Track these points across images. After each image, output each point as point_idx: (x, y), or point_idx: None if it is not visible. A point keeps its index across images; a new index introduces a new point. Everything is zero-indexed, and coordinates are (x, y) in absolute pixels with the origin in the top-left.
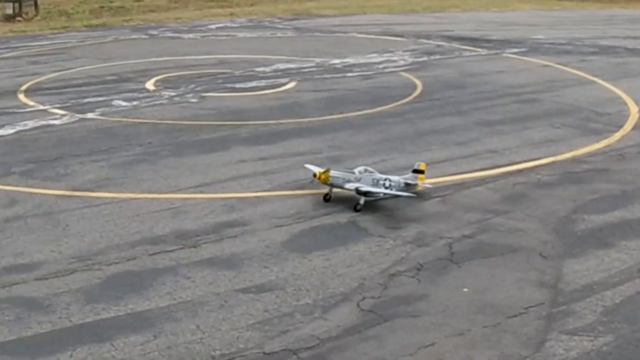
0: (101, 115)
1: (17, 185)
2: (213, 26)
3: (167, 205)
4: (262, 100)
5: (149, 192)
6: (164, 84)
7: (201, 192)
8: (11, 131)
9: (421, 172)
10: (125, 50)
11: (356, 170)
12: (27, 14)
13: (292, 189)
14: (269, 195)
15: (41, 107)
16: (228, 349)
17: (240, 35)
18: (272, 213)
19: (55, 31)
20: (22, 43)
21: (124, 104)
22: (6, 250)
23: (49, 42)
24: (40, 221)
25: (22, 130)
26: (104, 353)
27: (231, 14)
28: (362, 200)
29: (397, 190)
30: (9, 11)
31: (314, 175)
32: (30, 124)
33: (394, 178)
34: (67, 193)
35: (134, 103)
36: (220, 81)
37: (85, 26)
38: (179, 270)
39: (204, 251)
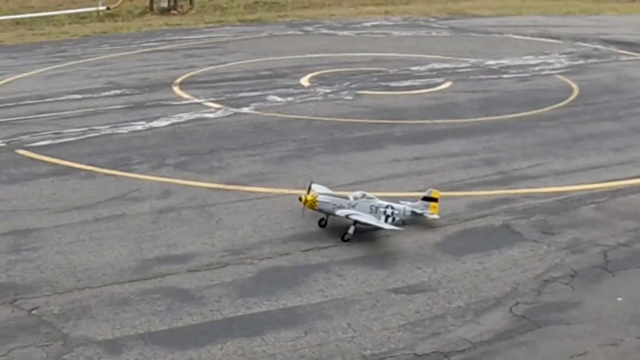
0: (256, 110)
1: (171, 177)
2: (368, 24)
3: None
4: (417, 99)
5: (303, 188)
6: (318, 81)
7: (355, 190)
8: (166, 123)
9: (434, 200)
10: (280, 45)
11: (351, 196)
12: (182, 7)
13: (446, 190)
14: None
15: (196, 100)
16: (379, 349)
17: (395, 33)
18: None
19: (210, 25)
20: (177, 36)
21: (279, 99)
22: (159, 241)
23: (203, 35)
24: (193, 213)
25: (176, 123)
26: (255, 347)
27: (386, 12)
28: (351, 229)
29: (402, 218)
30: (164, 4)
31: (300, 199)
32: (185, 116)
33: (398, 206)
34: (221, 186)
35: (289, 99)
36: (375, 79)
37: (239, 21)
38: (332, 268)
39: (357, 249)
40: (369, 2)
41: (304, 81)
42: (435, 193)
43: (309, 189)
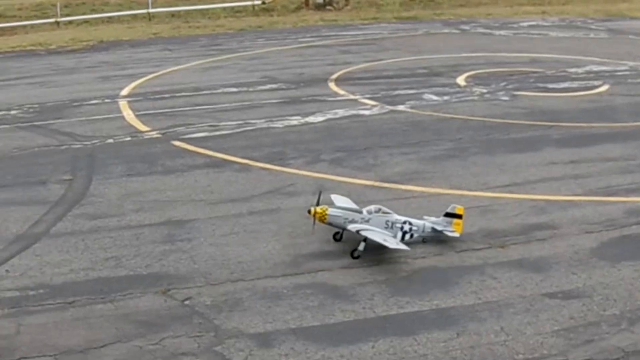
0: (411, 108)
1: (325, 173)
2: (524, 24)
3: (476, 203)
4: (574, 101)
5: (458, 188)
6: (474, 80)
7: (510, 192)
8: (322, 119)
9: (457, 216)
10: (436, 44)
11: (365, 210)
12: (337, 3)
13: (603, 195)
14: (579, 199)
15: (351, 97)
16: (531, 354)
17: (552, 34)
18: (582, 218)
19: (366, 22)
20: (332, 32)
21: (435, 98)
22: (313, 237)
23: (359, 32)
24: None
25: (332, 119)
26: (406, 347)
27: (543, 12)
28: (361, 246)
29: (422, 234)
30: (320, 0)
31: (309, 211)
32: (341, 112)
33: (417, 222)
34: (376, 184)
35: (445, 98)
36: (531, 80)
37: (395, 18)
38: (486, 270)
39: (512, 252)
40: (525, 2)
41: (460, 80)
42: (458, 209)
43: (318, 200)
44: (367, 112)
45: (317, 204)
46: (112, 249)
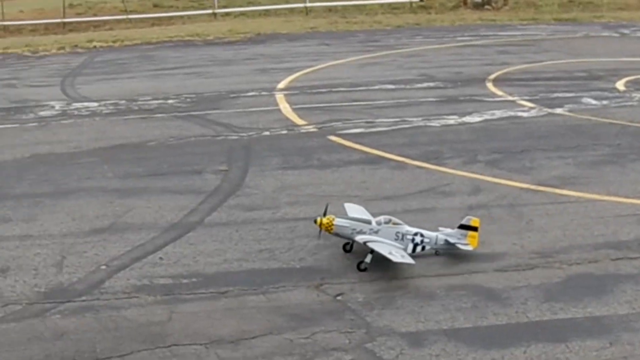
0: (569, 111)
1: (481, 174)
2: None
3: (633, 211)
4: None
5: (615, 195)
6: (634, 85)
7: None
8: (479, 119)
9: (472, 229)
10: (595, 47)
11: (374, 221)
12: (495, 2)
13: None
14: None
15: (509, 98)
16: None
17: None
18: None
19: (524, 22)
20: (490, 32)
21: (593, 102)
22: None
23: (517, 32)
24: (503, 212)
25: (489, 119)
26: (558, 354)
27: None
28: (368, 258)
29: (434, 247)
30: None
31: (315, 221)
32: (498, 113)
33: (430, 234)
34: (532, 187)
35: (604, 102)
36: None
37: (554, 19)
38: None
39: None
40: None
41: (620, 85)
42: (474, 221)
43: (325, 211)
44: (524, 114)
45: (325, 215)
46: (266, 241)
